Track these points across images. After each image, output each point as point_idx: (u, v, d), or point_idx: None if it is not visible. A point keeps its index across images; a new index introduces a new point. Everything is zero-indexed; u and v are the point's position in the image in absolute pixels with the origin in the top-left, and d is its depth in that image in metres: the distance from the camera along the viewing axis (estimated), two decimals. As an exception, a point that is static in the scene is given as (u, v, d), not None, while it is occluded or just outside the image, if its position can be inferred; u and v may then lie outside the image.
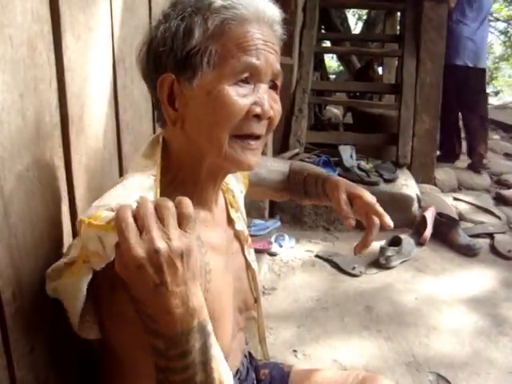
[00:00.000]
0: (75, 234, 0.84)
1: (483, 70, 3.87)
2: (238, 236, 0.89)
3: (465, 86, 3.74)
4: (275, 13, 0.72)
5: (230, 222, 0.87)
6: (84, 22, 0.85)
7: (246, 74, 0.68)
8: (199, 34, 0.67)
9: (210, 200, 0.79)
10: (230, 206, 0.88)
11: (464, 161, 4.27)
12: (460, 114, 3.98)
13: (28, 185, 0.70)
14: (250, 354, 1.03)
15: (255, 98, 0.69)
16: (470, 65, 3.73)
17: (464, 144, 4.15)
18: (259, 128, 0.71)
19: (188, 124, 0.71)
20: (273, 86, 0.73)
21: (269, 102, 0.71)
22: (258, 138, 0.72)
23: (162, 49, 0.70)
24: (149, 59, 0.73)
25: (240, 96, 0.68)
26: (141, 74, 0.77)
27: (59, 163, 0.79)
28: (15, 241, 0.67)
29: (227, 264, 0.82)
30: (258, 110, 0.69)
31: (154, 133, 1.28)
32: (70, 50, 0.80)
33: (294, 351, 1.75)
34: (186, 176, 0.75)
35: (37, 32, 0.71)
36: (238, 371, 0.91)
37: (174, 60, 0.69)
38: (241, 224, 0.89)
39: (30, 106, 0.70)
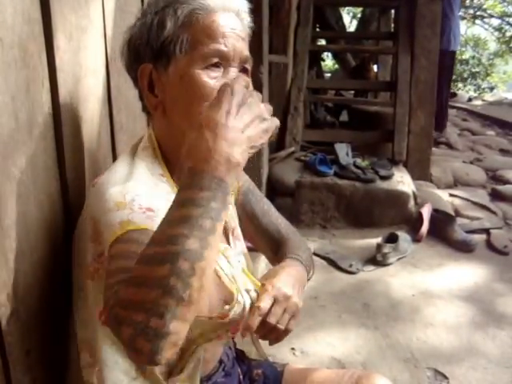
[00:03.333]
0: (70, 235, 0.84)
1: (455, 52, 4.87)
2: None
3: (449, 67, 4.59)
4: (242, 2, 0.80)
5: None
6: (76, 22, 0.85)
7: (215, 60, 0.75)
8: (171, 24, 0.75)
9: None
10: None
11: (459, 157, 4.28)
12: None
13: (22, 187, 0.70)
14: (242, 352, 1.03)
15: (225, 80, 0.74)
16: (454, 49, 4.61)
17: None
18: None
19: (167, 107, 0.78)
20: (243, 70, 0.79)
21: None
22: None
23: (139, 42, 0.77)
24: (130, 53, 0.80)
25: (210, 78, 0.75)
26: (125, 69, 0.83)
27: (53, 165, 0.79)
28: (10, 243, 0.67)
29: None
30: (228, 87, 0.72)
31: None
32: (62, 50, 0.79)
33: (292, 349, 1.75)
34: (170, 156, 0.80)
35: (28, 33, 0.71)
36: (221, 362, 0.91)
37: (151, 51, 0.76)
38: None
39: (23, 108, 0.69)
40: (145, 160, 0.78)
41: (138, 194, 0.70)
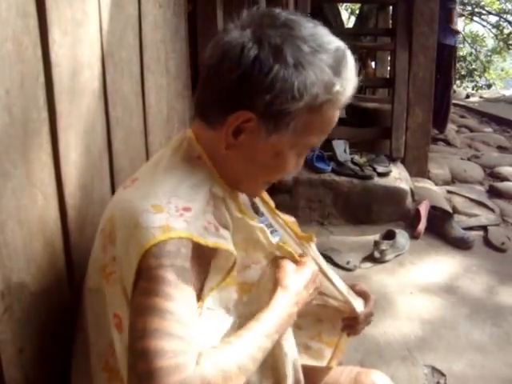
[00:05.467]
0: (65, 231, 0.83)
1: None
2: None
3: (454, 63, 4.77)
4: None
5: None
6: (71, 16, 0.84)
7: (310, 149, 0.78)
8: (305, 102, 0.68)
9: None
10: None
11: (457, 153, 4.28)
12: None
13: (16, 182, 0.69)
14: None
15: (298, 162, 0.78)
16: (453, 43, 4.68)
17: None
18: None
19: (238, 156, 0.74)
20: None
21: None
22: None
23: (267, 94, 0.67)
24: (237, 85, 0.69)
25: (294, 161, 0.77)
26: (210, 85, 0.73)
27: (48, 160, 0.78)
28: (3, 239, 0.66)
29: None
30: (293, 170, 0.79)
31: (145, 129, 1.27)
32: (58, 44, 0.78)
33: (290, 346, 1.75)
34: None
35: (22, 27, 0.70)
36: None
37: (267, 107, 0.68)
38: None
39: (17, 102, 0.69)
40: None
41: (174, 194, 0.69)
